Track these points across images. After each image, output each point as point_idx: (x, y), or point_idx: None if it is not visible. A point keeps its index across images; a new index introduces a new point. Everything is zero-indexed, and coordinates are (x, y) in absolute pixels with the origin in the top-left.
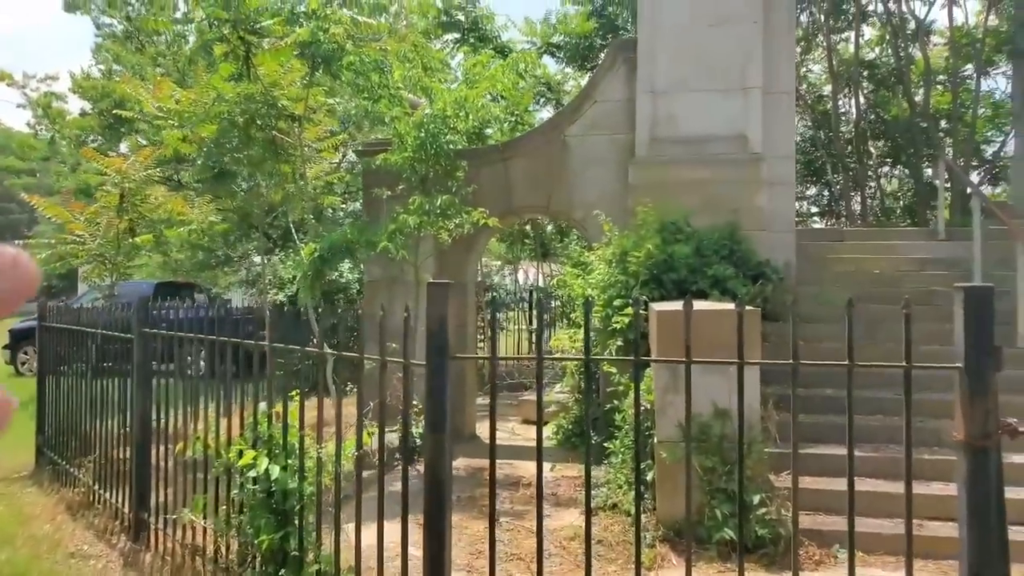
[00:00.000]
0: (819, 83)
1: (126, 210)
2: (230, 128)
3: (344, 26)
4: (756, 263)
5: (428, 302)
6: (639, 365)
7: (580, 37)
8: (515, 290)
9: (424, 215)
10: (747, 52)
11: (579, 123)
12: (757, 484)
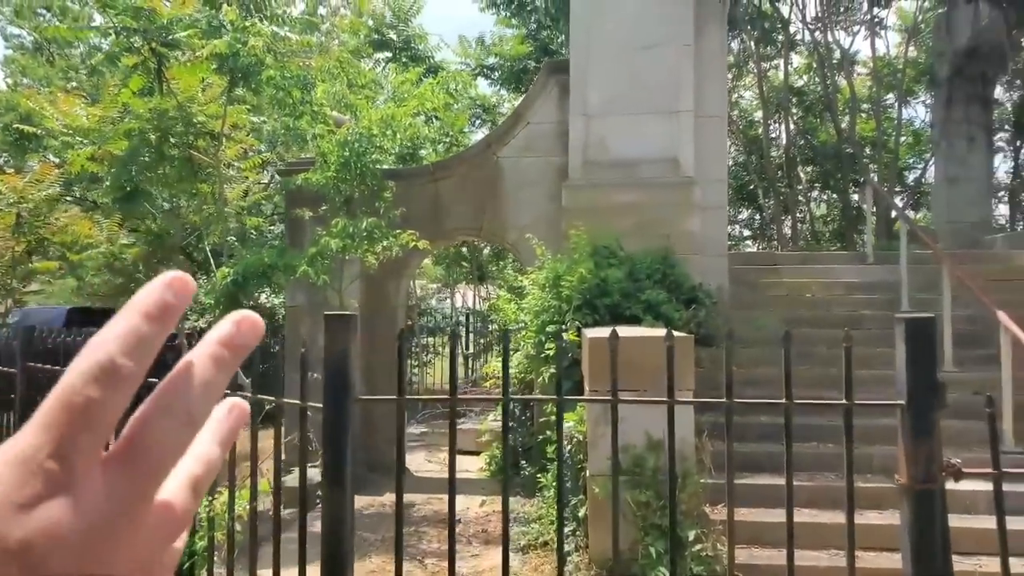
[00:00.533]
0: (750, 109)
1: (24, 232)
2: (142, 145)
3: (264, 39)
4: (689, 287)
5: (327, 337)
6: (562, 405)
7: (514, 59)
8: (451, 314)
9: (348, 238)
10: (678, 76)
11: (512, 144)
12: (692, 519)
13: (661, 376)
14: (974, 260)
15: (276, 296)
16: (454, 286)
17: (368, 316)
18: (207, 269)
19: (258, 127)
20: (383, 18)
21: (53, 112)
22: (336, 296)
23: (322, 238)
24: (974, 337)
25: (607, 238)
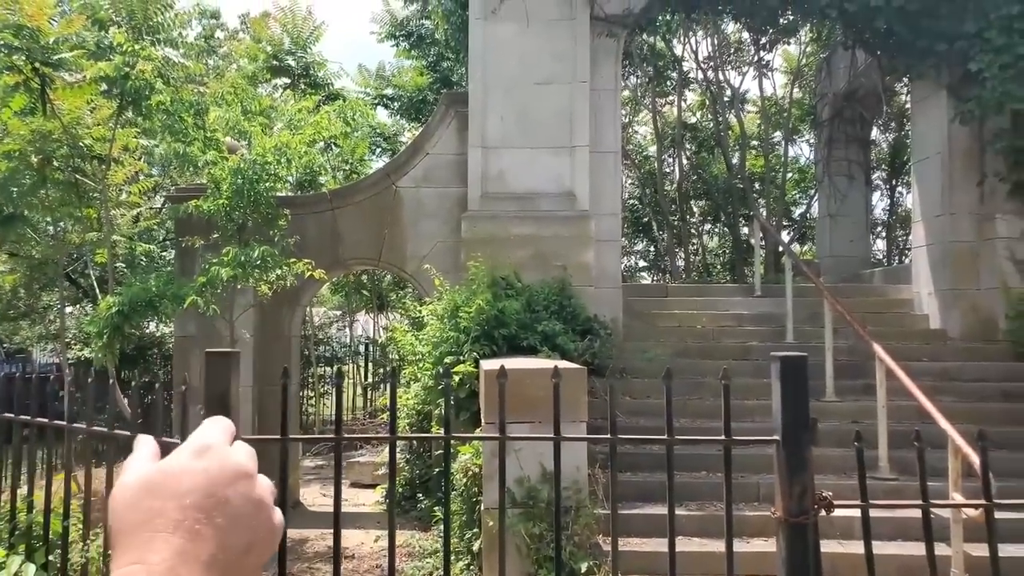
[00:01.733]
0: (645, 143)
1: None
2: (22, 167)
3: (155, 63)
4: (585, 318)
5: (207, 375)
6: (449, 443)
7: (414, 90)
8: (350, 343)
9: (240, 267)
10: (573, 112)
11: (411, 175)
12: (585, 550)
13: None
14: (854, 293)
15: (166, 325)
16: (353, 315)
17: (262, 346)
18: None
19: (150, 151)
20: (281, 44)
21: None
22: (227, 327)
23: (212, 267)
24: (853, 368)
25: (505, 269)
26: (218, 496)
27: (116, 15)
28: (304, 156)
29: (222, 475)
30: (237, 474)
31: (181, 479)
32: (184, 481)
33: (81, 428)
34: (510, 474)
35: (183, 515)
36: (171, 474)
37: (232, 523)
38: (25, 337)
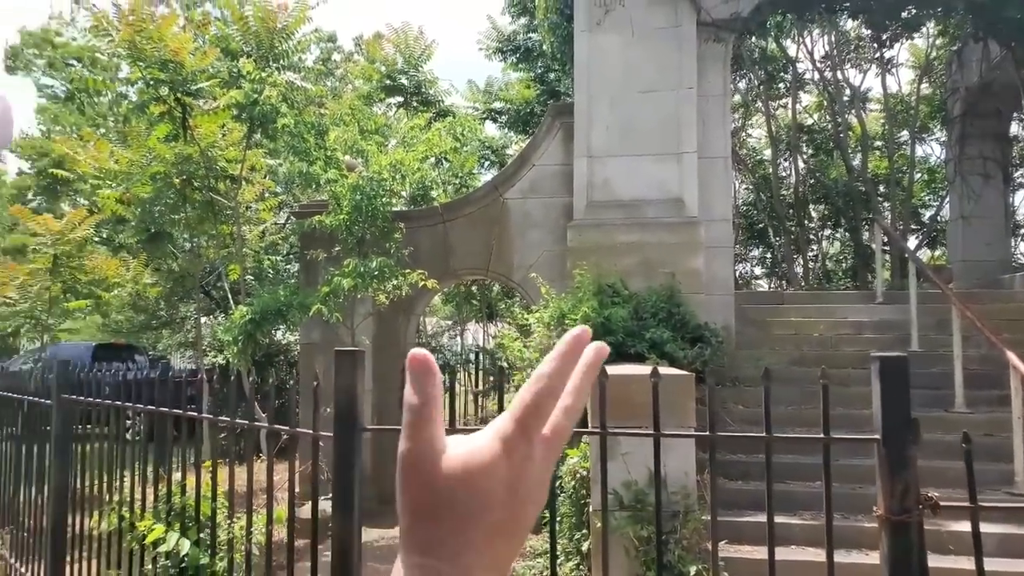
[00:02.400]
0: (759, 147)
1: (60, 272)
2: (166, 189)
3: (280, 88)
4: (695, 326)
5: (336, 371)
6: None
7: (521, 103)
8: (461, 351)
9: (359, 277)
10: (680, 118)
11: (518, 186)
12: (694, 554)
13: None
14: (991, 299)
15: (291, 333)
16: (464, 324)
17: (380, 353)
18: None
19: (275, 170)
20: (395, 64)
21: (85, 156)
22: (348, 333)
23: (335, 277)
24: (986, 377)
25: (611, 277)
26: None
27: (245, 45)
28: (417, 172)
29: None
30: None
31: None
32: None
33: (226, 421)
34: (618, 478)
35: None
36: (490, 473)
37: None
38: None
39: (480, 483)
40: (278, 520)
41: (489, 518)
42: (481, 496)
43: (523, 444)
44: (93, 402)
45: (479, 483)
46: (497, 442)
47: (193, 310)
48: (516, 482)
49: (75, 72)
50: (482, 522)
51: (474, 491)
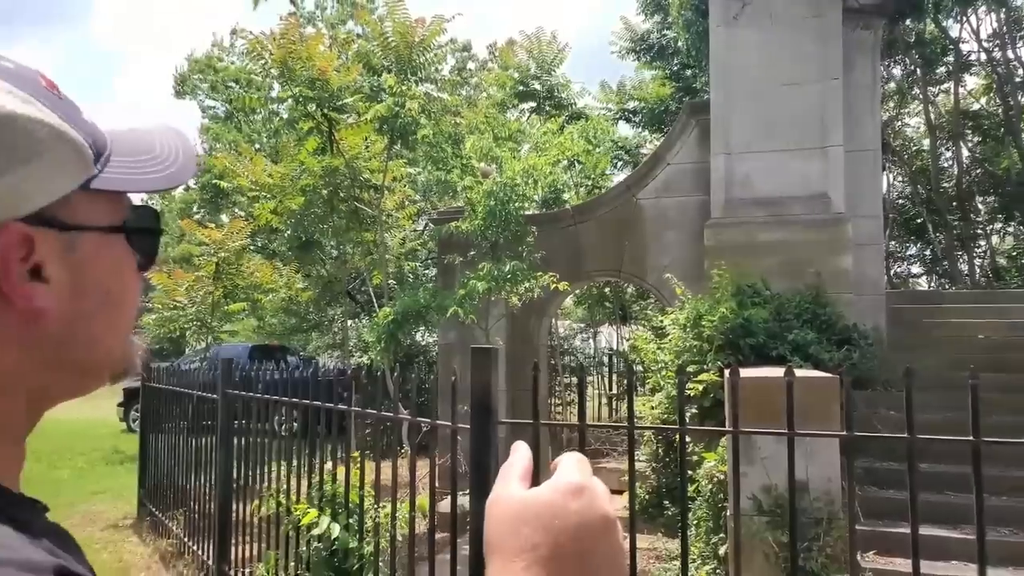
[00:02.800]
0: (917, 137)
1: (221, 278)
2: (316, 200)
3: (419, 100)
4: (842, 327)
5: (472, 367)
6: (684, 436)
7: (656, 102)
8: (594, 354)
9: (493, 280)
10: (826, 111)
11: (651, 186)
12: (840, 563)
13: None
14: None
15: (430, 334)
16: (597, 326)
17: (512, 353)
18: (369, 310)
19: (414, 178)
20: (528, 70)
21: (243, 171)
22: (483, 334)
23: (470, 280)
24: None
25: (751, 277)
26: (586, 544)
27: (385, 60)
28: (549, 176)
29: (592, 522)
30: (606, 524)
31: (555, 516)
32: (558, 519)
33: (372, 415)
34: (757, 482)
35: (553, 552)
36: (547, 507)
37: (594, 572)
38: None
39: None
40: (420, 508)
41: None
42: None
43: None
44: (254, 397)
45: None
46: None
47: (340, 313)
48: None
49: (233, 93)
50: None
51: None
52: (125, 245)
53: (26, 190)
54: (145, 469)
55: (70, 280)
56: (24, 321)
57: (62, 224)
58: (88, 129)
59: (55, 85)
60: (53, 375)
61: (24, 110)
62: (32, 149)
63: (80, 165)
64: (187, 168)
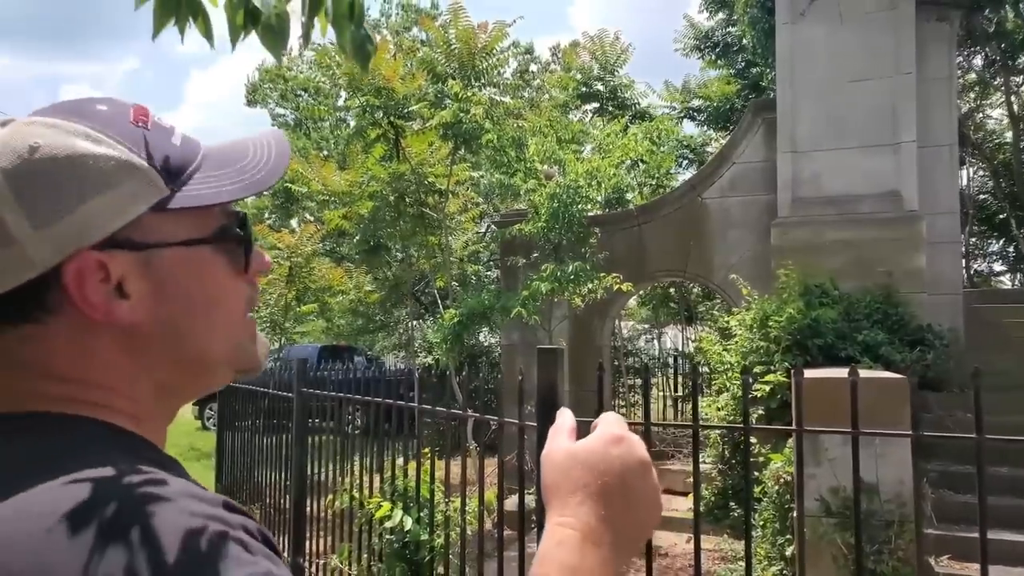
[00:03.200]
0: (999, 130)
1: (294, 281)
2: (383, 205)
3: (483, 106)
4: (915, 328)
5: (538, 367)
6: (748, 434)
7: (721, 100)
8: (658, 355)
9: (556, 282)
10: (898, 106)
11: (717, 185)
12: (912, 567)
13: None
14: None
15: (493, 335)
16: (661, 327)
17: (575, 354)
18: (433, 311)
19: (477, 182)
20: (590, 71)
21: (314, 177)
22: (546, 335)
23: (533, 282)
24: None
25: (820, 277)
26: (627, 482)
27: (449, 67)
28: (612, 178)
29: (632, 464)
30: (643, 466)
31: (601, 460)
32: (603, 463)
33: (441, 412)
34: (825, 483)
35: (602, 489)
36: (594, 454)
37: (636, 505)
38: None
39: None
40: (488, 503)
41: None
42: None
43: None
44: (328, 395)
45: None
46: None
47: (405, 314)
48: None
49: (302, 101)
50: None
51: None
52: (211, 252)
53: (95, 220)
54: (221, 465)
55: (152, 290)
56: (121, 331)
57: (134, 244)
58: (169, 150)
59: (145, 114)
60: (166, 372)
61: (92, 149)
62: (100, 182)
63: (149, 190)
64: (273, 173)
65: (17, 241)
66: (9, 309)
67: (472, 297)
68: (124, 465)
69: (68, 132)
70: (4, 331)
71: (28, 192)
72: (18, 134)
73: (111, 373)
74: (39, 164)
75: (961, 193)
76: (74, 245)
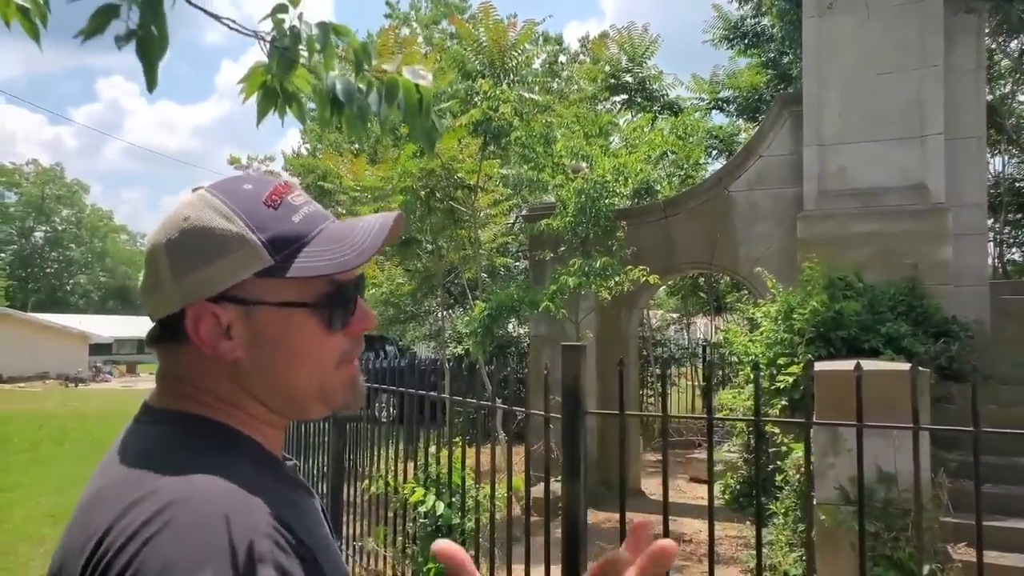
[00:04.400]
0: None
1: None
2: (414, 200)
3: (512, 103)
4: (940, 320)
5: (563, 363)
6: (759, 426)
7: (750, 90)
8: (687, 345)
9: (583, 276)
10: (925, 98)
11: (743, 178)
12: (928, 554)
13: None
14: None
15: (521, 327)
16: (690, 317)
17: (602, 346)
18: (463, 302)
19: (505, 176)
20: (619, 63)
21: (346, 172)
22: (573, 327)
23: (560, 276)
24: None
25: (844, 269)
26: None
27: (479, 64)
28: (639, 173)
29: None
30: None
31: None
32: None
33: (472, 403)
34: (843, 473)
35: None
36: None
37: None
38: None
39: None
40: (516, 487)
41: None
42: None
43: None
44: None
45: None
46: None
47: (435, 305)
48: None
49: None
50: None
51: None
52: (307, 314)
53: (212, 279)
54: None
55: (250, 335)
56: (227, 363)
57: (239, 300)
58: (286, 227)
59: (280, 193)
60: (266, 399)
61: (221, 224)
62: (219, 251)
63: (256, 261)
64: (366, 251)
65: (164, 286)
66: (166, 332)
67: (501, 290)
68: (211, 457)
69: (210, 208)
70: (167, 348)
71: (175, 251)
72: (185, 204)
73: (222, 390)
74: (187, 231)
75: (996, 180)
76: (196, 296)
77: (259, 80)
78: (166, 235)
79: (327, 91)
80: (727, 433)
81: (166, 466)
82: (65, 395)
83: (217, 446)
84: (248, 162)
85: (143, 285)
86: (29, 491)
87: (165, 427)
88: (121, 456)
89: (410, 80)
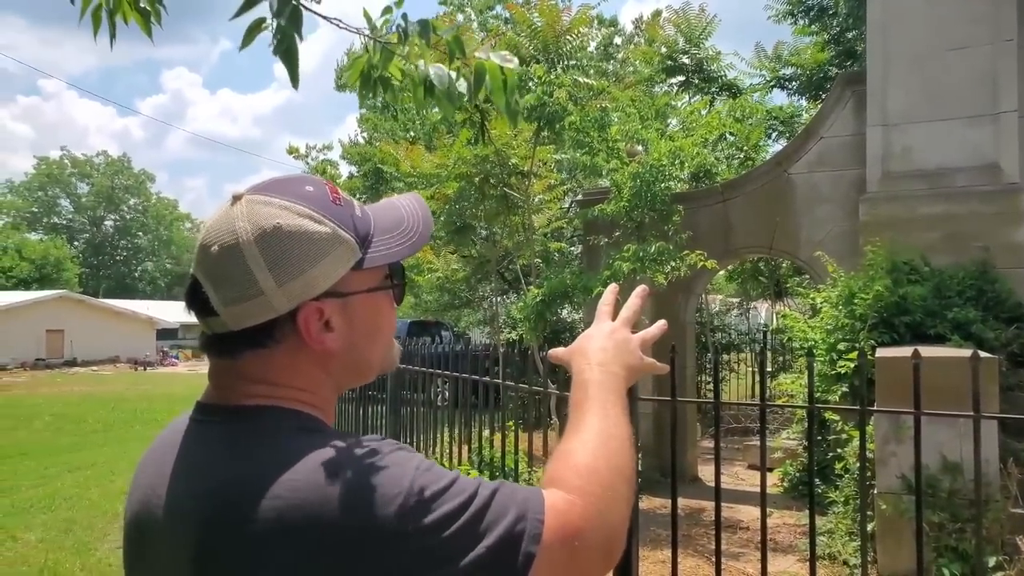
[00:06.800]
0: None
1: None
2: (468, 187)
3: (567, 88)
4: (1013, 304)
5: None
6: (812, 413)
7: (813, 67)
8: (747, 330)
9: (638, 261)
10: (998, 74)
11: (804, 160)
12: (995, 545)
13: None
14: None
15: (576, 313)
16: (749, 302)
17: None
18: (516, 287)
19: (559, 161)
20: (675, 44)
21: (403, 158)
22: None
23: (615, 261)
24: None
25: (909, 253)
26: (618, 348)
27: (533, 49)
28: (696, 157)
29: (621, 339)
30: (626, 337)
31: (606, 337)
32: (606, 339)
33: (524, 388)
34: (906, 461)
35: (603, 355)
36: (600, 335)
37: (619, 356)
38: (467, 322)
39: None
40: None
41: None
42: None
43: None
44: (418, 371)
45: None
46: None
47: (490, 291)
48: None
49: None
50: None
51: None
52: (384, 295)
53: (317, 280)
54: None
55: (346, 325)
56: (321, 353)
57: (338, 294)
58: (357, 222)
59: (336, 191)
60: (343, 377)
61: (315, 228)
62: (321, 253)
63: (350, 256)
64: (424, 235)
65: (265, 293)
66: (253, 338)
67: (555, 275)
68: (319, 437)
69: (297, 215)
70: (243, 353)
71: (274, 259)
72: (257, 213)
73: (308, 380)
74: (282, 239)
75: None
76: (302, 298)
77: (360, 68)
78: (256, 246)
79: (421, 78)
80: (787, 420)
81: (309, 444)
82: (135, 378)
83: (319, 428)
84: (307, 151)
85: (224, 299)
86: (104, 469)
87: (257, 422)
88: (212, 455)
89: (496, 64)
